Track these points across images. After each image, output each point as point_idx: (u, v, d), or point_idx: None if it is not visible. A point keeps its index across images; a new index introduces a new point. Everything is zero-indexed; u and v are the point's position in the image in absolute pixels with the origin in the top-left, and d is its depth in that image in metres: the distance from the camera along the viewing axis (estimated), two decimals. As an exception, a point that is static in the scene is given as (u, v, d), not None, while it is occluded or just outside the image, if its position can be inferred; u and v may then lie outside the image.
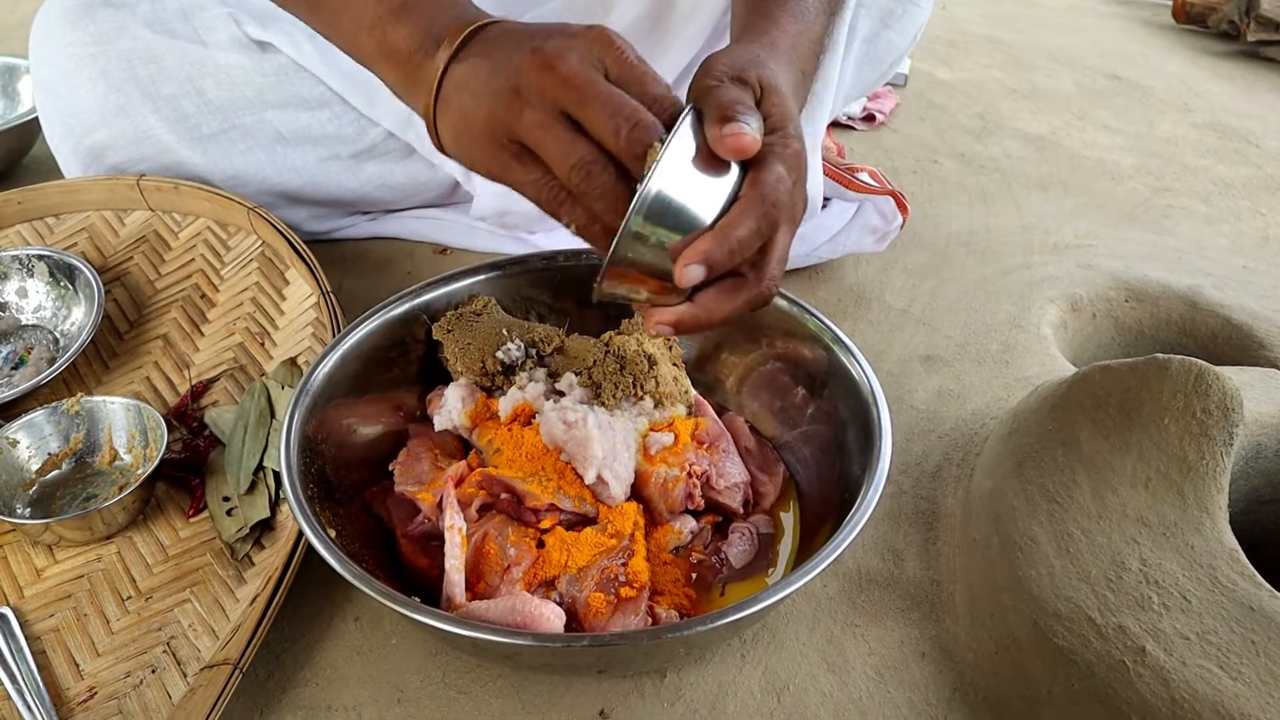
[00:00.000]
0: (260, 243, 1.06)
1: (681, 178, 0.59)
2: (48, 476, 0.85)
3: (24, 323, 1.01)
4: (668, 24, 1.03)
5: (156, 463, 0.81)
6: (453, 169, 1.17)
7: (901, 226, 1.20)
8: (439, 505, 0.74)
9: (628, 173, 0.61)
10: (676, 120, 0.61)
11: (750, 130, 0.60)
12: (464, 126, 0.66)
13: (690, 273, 0.60)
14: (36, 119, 1.26)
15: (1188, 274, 1.22)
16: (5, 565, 0.79)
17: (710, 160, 0.61)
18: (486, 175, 0.67)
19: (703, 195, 0.61)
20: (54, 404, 0.86)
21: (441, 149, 0.70)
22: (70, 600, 0.77)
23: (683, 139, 0.60)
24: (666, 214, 0.59)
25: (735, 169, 0.62)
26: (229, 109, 1.10)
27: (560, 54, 0.61)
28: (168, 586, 0.77)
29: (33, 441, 0.85)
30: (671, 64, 1.06)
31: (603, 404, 0.81)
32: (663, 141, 0.60)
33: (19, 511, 0.82)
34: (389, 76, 0.73)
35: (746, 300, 0.65)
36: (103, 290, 0.96)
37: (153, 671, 0.71)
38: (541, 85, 0.61)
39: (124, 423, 0.87)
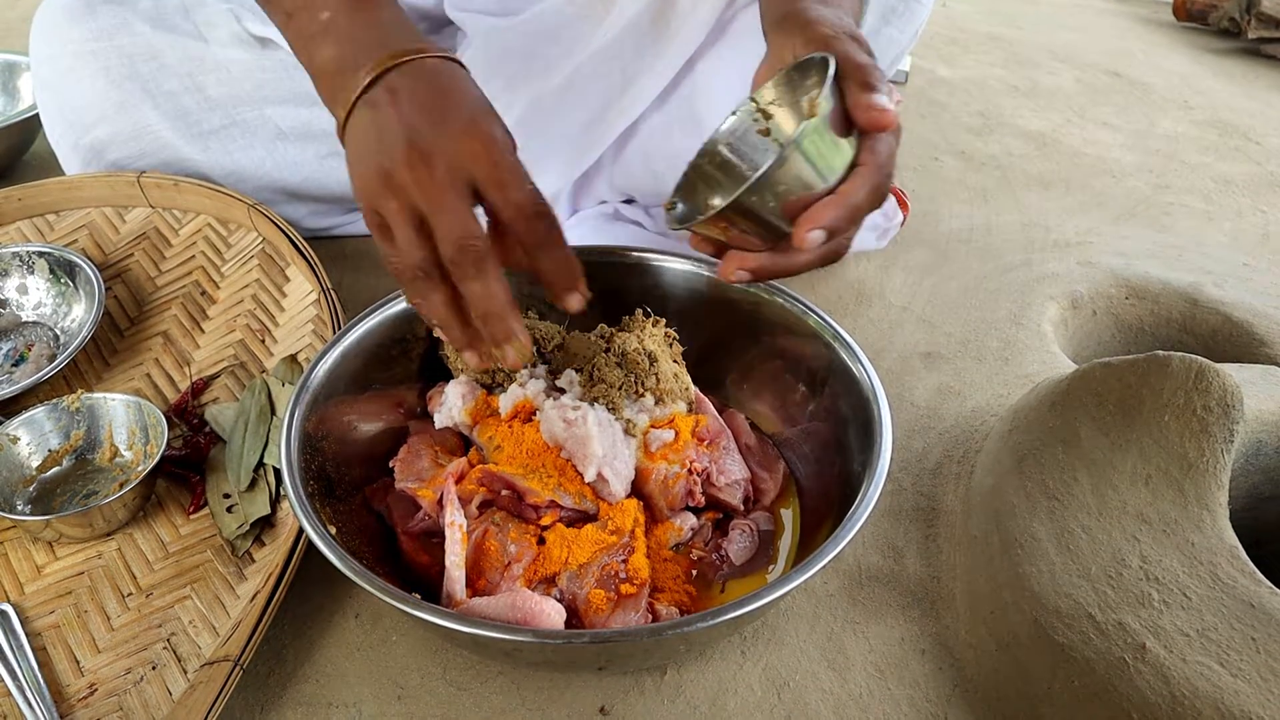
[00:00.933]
0: (261, 239, 1.06)
1: (817, 144, 0.61)
2: (48, 473, 0.85)
3: (24, 319, 1.01)
4: (667, 20, 1.03)
5: (157, 459, 0.81)
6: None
7: (902, 224, 1.21)
8: (439, 502, 0.74)
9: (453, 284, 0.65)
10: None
11: (893, 105, 0.62)
12: (352, 168, 0.68)
13: (813, 237, 0.62)
14: (37, 116, 1.27)
15: (1188, 271, 1.22)
16: (6, 562, 0.79)
17: (840, 123, 0.62)
18: (362, 210, 0.68)
19: (830, 158, 0.62)
20: (54, 401, 0.86)
21: None
22: (71, 597, 0.77)
23: (827, 104, 0.61)
24: (799, 173, 0.61)
25: (853, 134, 0.63)
26: (229, 105, 1.10)
27: (429, 157, 0.63)
28: (168, 583, 0.77)
29: (33, 438, 0.85)
30: (671, 59, 1.05)
31: (603, 401, 0.80)
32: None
33: (19, 508, 0.82)
34: (318, 90, 0.73)
35: (824, 255, 0.67)
36: (103, 287, 0.96)
37: (153, 668, 0.71)
38: (405, 182, 0.63)
39: (124, 419, 0.87)
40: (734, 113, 0.72)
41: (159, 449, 0.83)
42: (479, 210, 0.65)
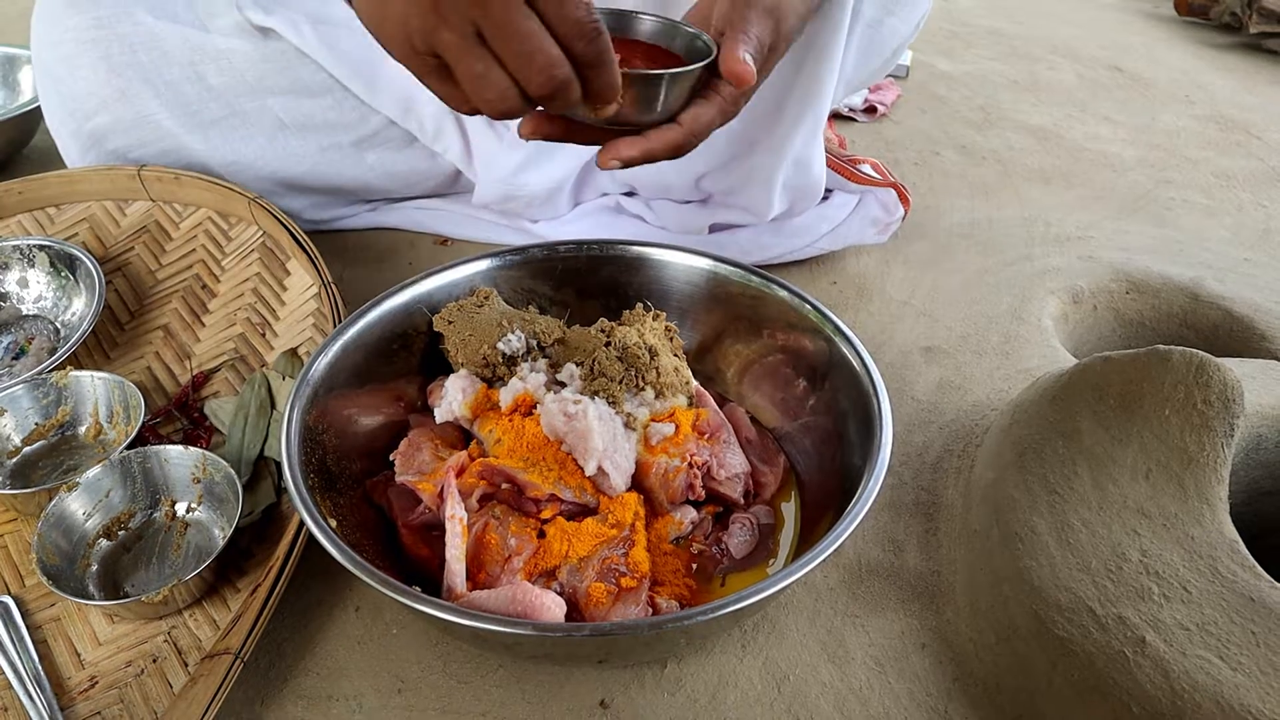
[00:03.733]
0: (261, 233, 1.06)
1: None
2: (32, 446, 0.86)
3: (25, 313, 1.01)
4: (668, 9, 1.03)
5: (135, 433, 0.83)
6: (454, 158, 1.17)
7: (903, 218, 1.20)
8: (440, 495, 0.74)
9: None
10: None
11: (752, 64, 0.72)
12: (382, 17, 0.64)
13: (612, 163, 0.73)
14: (37, 109, 1.26)
15: (1189, 266, 1.22)
16: (6, 554, 0.79)
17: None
18: (404, 66, 0.66)
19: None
20: (39, 377, 0.87)
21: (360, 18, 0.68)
22: (71, 589, 0.77)
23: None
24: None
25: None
26: (230, 95, 1.10)
27: None
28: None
29: (16, 413, 0.86)
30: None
31: (603, 395, 0.80)
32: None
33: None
34: None
35: (710, 113, 0.75)
36: (103, 280, 0.96)
37: (154, 661, 0.71)
38: (459, 5, 0.59)
39: (107, 398, 0.88)
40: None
41: (137, 425, 0.83)
42: None
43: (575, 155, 1.13)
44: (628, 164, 0.73)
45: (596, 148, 0.77)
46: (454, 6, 0.59)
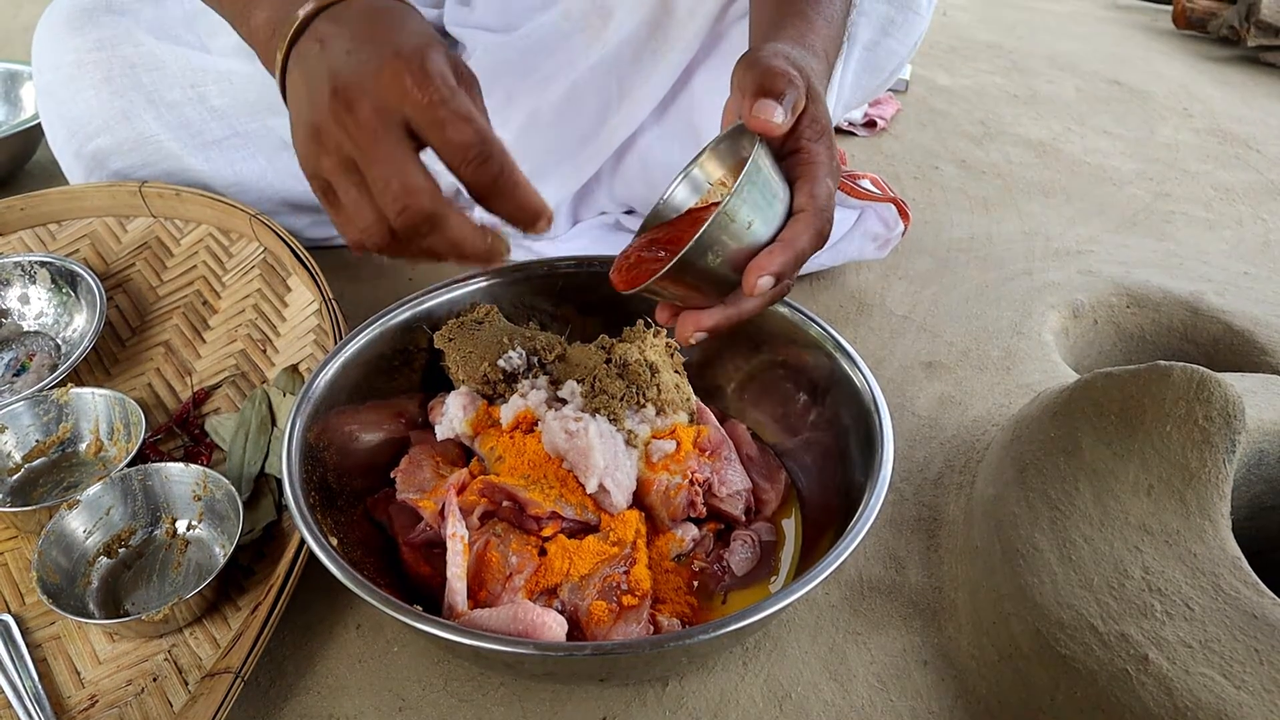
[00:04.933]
0: (262, 249, 1.06)
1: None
2: (33, 463, 0.86)
3: (26, 329, 1.01)
4: (664, 34, 1.03)
5: (136, 450, 0.83)
6: (452, 179, 1.17)
7: (903, 233, 1.21)
8: (441, 513, 0.74)
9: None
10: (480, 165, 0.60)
11: (779, 114, 0.64)
12: (293, 139, 0.63)
13: (762, 284, 0.64)
14: (39, 125, 1.27)
15: (1189, 280, 1.22)
16: (6, 572, 0.79)
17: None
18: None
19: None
20: (40, 394, 0.87)
21: None
22: (72, 608, 0.76)
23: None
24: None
25: (785, 184, 0.67)
26: (231, 115, 1.10)
27: (353, 101, 0.57)
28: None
29: (15, 430, 0.86)
30: (668, 70, 1.06)
31: (604, 412, 0.80)
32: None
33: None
34: (262, 63, 0.69)
35: (772, 298, 0.68)
36: (105, 297, 0.97)
37: (154, 680, 0.71)
38: (334, 134, 0.58)
39: (108, 414, 0.88)
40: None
41: (138, 442, 0.83)
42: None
43: (573, 176, 1.13)
44: (779, 274, 0.65)
45: (590, 172, 0.76)
46: (330, 133, 0.58)
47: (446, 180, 0.60)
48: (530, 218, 0.61)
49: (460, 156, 0.58)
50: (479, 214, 0.62)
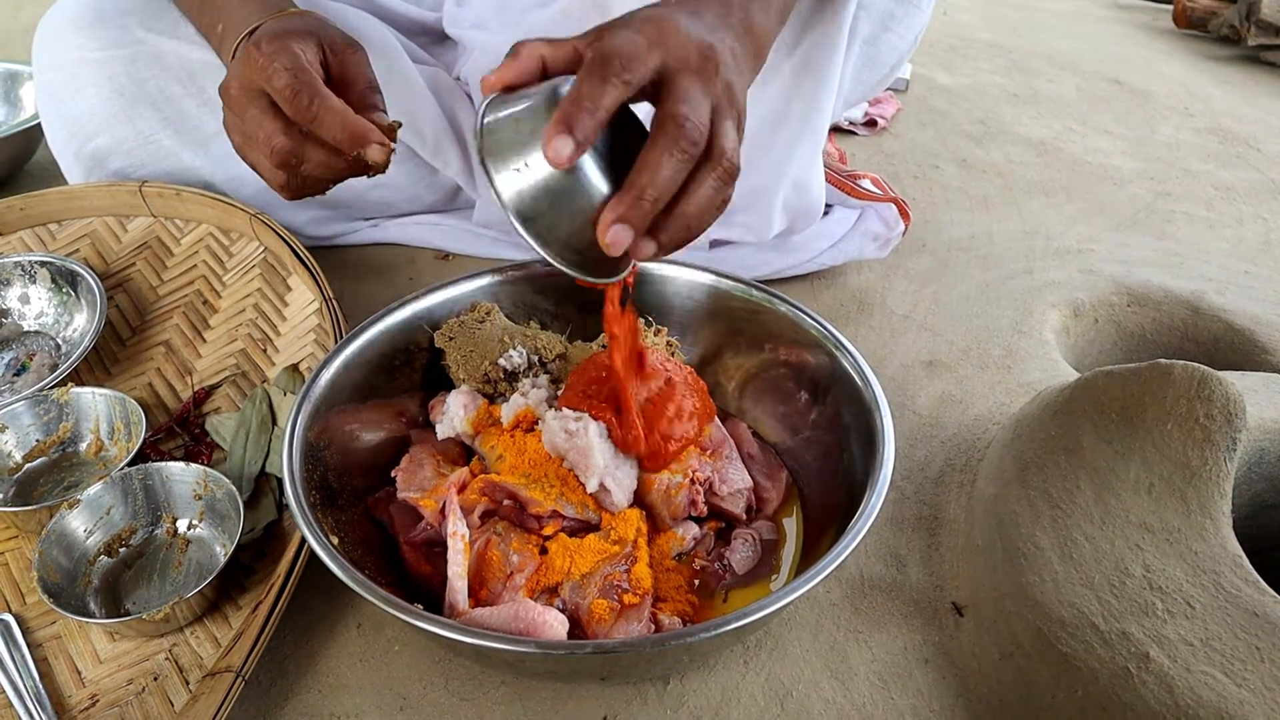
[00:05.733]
0: (262, 249, 1.06)
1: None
2: (34, 463, 0.86)
3: (26, 329, 1.01)
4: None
5: (137, 449, 0.83)
6: (453, 173, 1.17)
7: (904, 232, 1.21)
8: (442, 512, 0.74)
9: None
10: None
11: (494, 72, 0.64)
12: None
13: (616, 236, 0.58)
14: (39, 125, 1.27)
15: (1190, 279, 1.22)
16: (7, 571, 0.79)
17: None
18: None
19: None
20: (41, 394, 0.87)
21: None
22: (72, 607, 0.76)
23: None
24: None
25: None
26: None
27: (228, 88, 0.80)
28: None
29: (16, 430, 0.86)
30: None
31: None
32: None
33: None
34: None
35: (714, 185, 0.62)
36: (105, 296, 0.96)
37: (155, 679, 0.71)
38: (229, 119, 0.82)
39: (108, 414, 0.88)
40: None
41: (139, 442, 0.83)
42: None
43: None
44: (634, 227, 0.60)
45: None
46: (228, 120, 0.82)
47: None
48: (355, 138, 0.76)
49: (282, 97, 0.76)
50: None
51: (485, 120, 0.61)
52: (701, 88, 0.62)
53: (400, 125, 0.82)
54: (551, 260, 0.63)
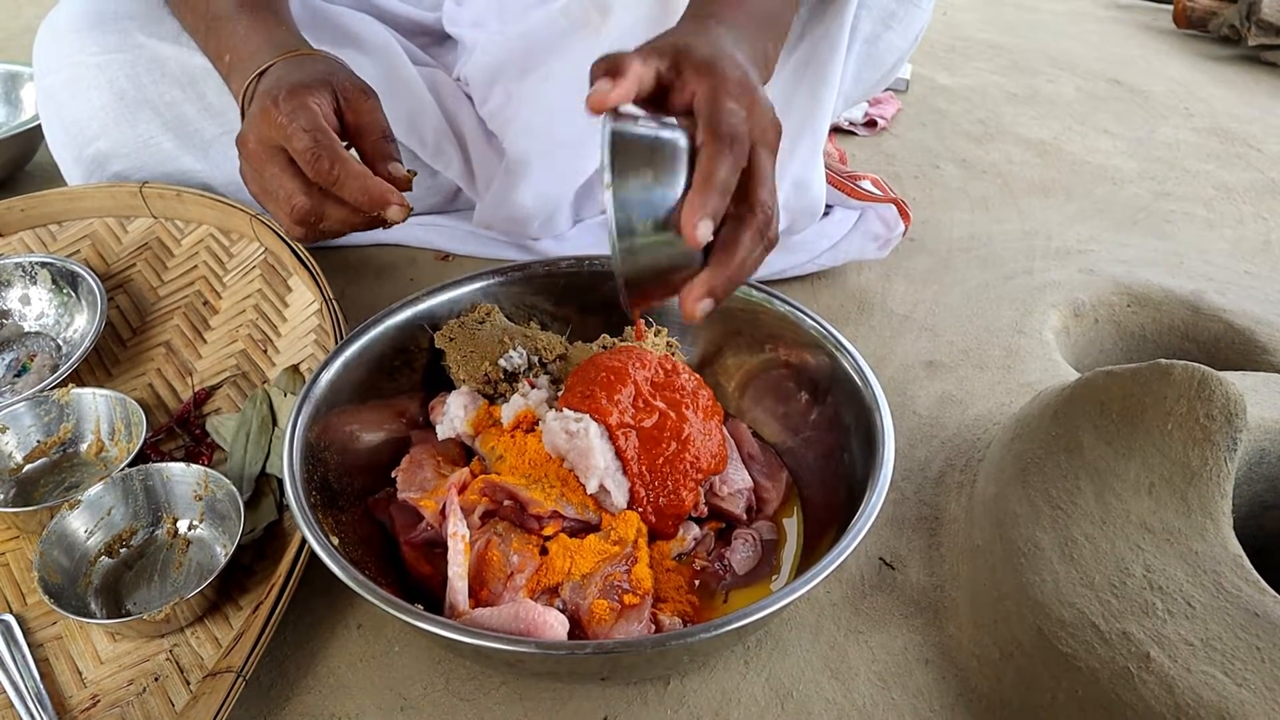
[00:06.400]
0: (263, 249, 1.06)
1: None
2: (35, 463, 0.86)
3: (27, 330, 1.01)
4: (665, 26, 1.03)
5: (137, 450, 0.83)
6: (454, 175, 1.18)
7: (903, 233, 1.21)
8: (442, 512, 0.74)
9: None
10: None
11: (605, 86, 0.64)
12: None
13: (701, 229, 0.61)
14: (39, 126, 1.27)
15: (1190, 279, 1.22)
16: (8, 572, 0.79)
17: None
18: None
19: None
20: (41, 394, 0.87)
21: None
22: (73, 608, 0.76)
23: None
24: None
25: (684, 137, 0.64)
26: (230, 112, 1.10)
27: (245, 141, 0.79)
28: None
29: (17, 431, 0.86)
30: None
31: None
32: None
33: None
34: None
35: (754, 237, 0.65)
36: (105, 297, 0.97)
37: (156, 679, 0.71)
38: (246, 172, 0.82)
39: (109, 415, 0.88)
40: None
41: (139, 442, 0.83)
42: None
43: (574, 174, 1.13)
44: (712, 296, 0.65)
45: (592, 169, 0.78)
46: (245, 173, 0.82)
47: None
48: (375, 201, 0.76)
49: (302, 159, 0.76)
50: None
51: (615, 168, 0.61)
52: (771, 167, 0.67)
53: (415, 174, 0.84)
54: (620, 279, 0.64)
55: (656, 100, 0.68)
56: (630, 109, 0.65)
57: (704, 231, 0.61)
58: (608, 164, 0.60)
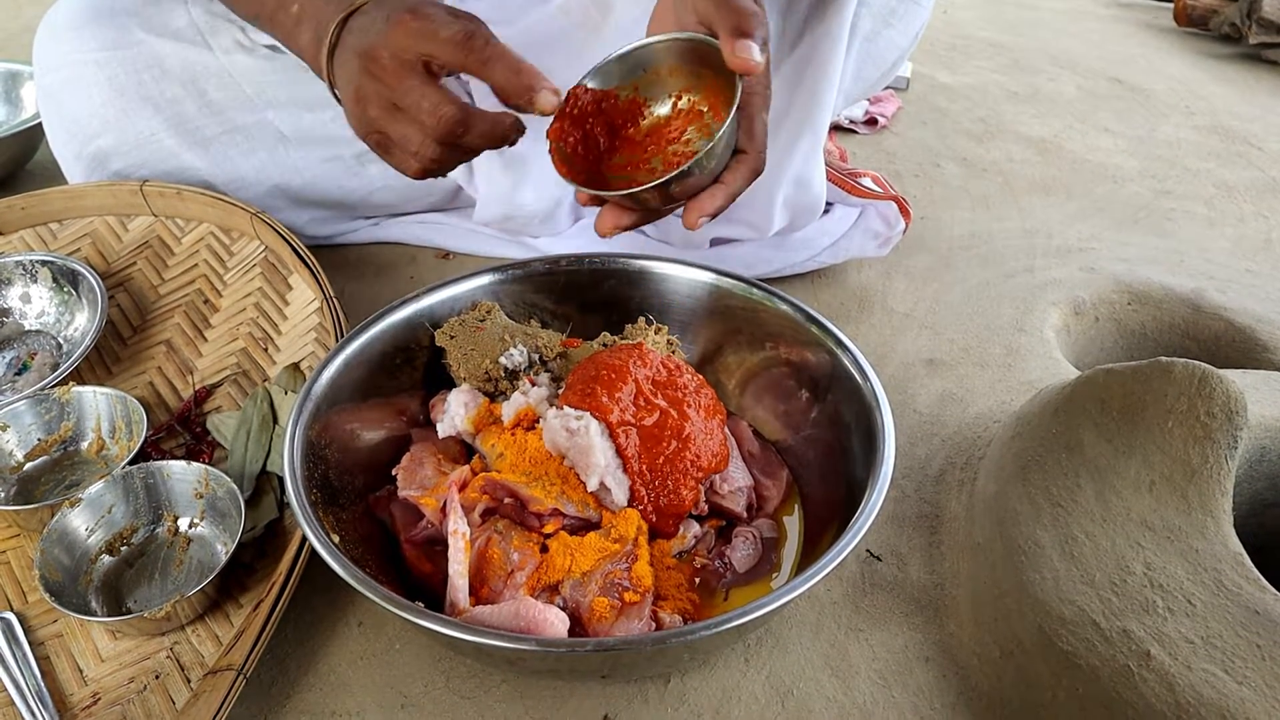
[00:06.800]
0: (263, 248, 1.06)
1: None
2: (35, 461, 0.86)
3: (27, 328, 1.01)
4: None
5: (138, 449, 0.83)
6: (454, 173, 1.17)
7: (904, 231, 1.20)
8: (442, 510, 0.74)
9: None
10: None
11: (759, 55, 0.67)
12: (347, 111, 0.80)
13: (700, 223, 0.71)
14: (40, 125, 1.27)
15: (1190, 277, 1.22)
16: (8, 570, 0.79)
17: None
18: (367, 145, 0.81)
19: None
20: (42, 392, 0.87)
21: None
22: (74, 606, 0.76)
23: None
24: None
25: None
26: (231, 109, 1.10)
27: (375, 56, 0.74)
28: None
29: (17, 429, 0.86)
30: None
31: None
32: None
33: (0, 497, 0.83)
34: (316, 74, 0.83)
35: (711, 218, 0.75)
36: (106, 296, 0.97)
37: (156, 677, 0.71)
38: (374, 90, 0.75)
39: (109, 413, 0.88)
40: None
41: (140, 440, 0.83)
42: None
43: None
44: (715, 214, 0.74)
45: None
46: (368, 88, 0.76)
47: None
48: (528, 82, 0.72)
49: (454, 48, 0.72)
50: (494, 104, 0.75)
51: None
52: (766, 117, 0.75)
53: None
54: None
55: None
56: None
57: (702, 224, 0.71)
58: (729, 123, 0.68)
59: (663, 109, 0.79)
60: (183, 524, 0.81)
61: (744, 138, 0.70)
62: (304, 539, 0.73)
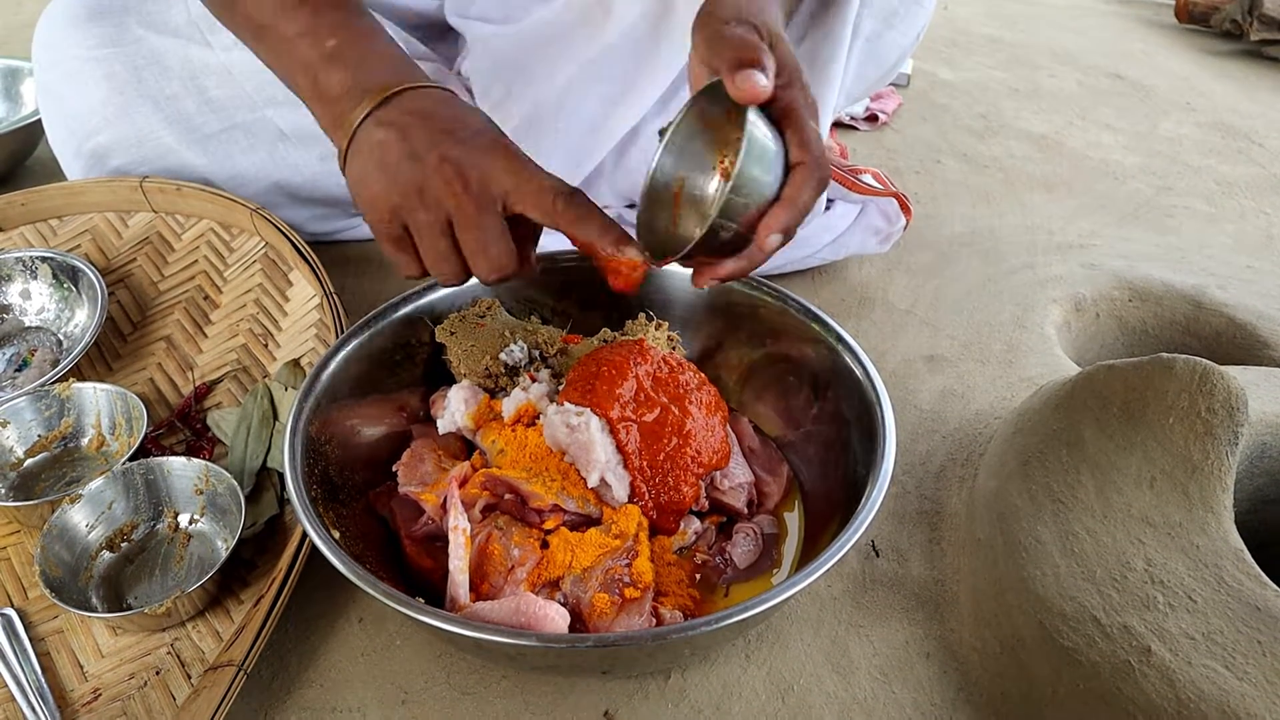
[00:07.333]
0: (263, 244, 1.06)
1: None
2: (36, 458, 0.86)
3: (27, 325, 1.01)
4: (666, 26, 1.03)
5: (138, 444, 0.83)
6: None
7: (905, 227, 1.20)
8: (443, 506, 0.74)
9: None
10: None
11: (763, 80, 0.63)
12: (365, 185, 0.72)
13: (772, 241, 0.66)
14: (39, 121, 1.27)
15: (1191, 274, 1.22)
16: (9, 566, 0.79)
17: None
18: (372, 225, 0.73)
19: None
20: (42, 389, 0.87)
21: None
22: (74, 602, 0.76)
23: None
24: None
25: (777, 134, 0.67)
26: (230, 107, 1.10)
27: (463, 171, 0.68)
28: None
29: (18, 425, 0.86)
30: (670, 64, 1.05)
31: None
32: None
33: (0, 493, 0.83)
34: (317, 114, 0.77)
35: (785, 234, 0.68)
36: (106, 292, 0.96)
37: (157, 673, 0.71)
38: (440, 196, 0.68)
39: (110, 409, 0.88)
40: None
41: (140, 437, 0.83)
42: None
43: (576, 169, 1.13)
44: (786, 230, 0.68)
45: (592, 165, 0.76)
46: (435, 196, 0.68)
47: None
48: (618, 239, 0.69)
49: (548, 195, 0.68)
50: None
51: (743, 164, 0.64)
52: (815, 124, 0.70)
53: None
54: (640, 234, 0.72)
55: None
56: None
57: (773, 243, 0.66)
58: (744, 151, 0.63)
59: (710, 186, 0.75)
60: (183, 520, 0.81)
61: (796, 150, 0.67)
62: (304, 535, 0.73)
